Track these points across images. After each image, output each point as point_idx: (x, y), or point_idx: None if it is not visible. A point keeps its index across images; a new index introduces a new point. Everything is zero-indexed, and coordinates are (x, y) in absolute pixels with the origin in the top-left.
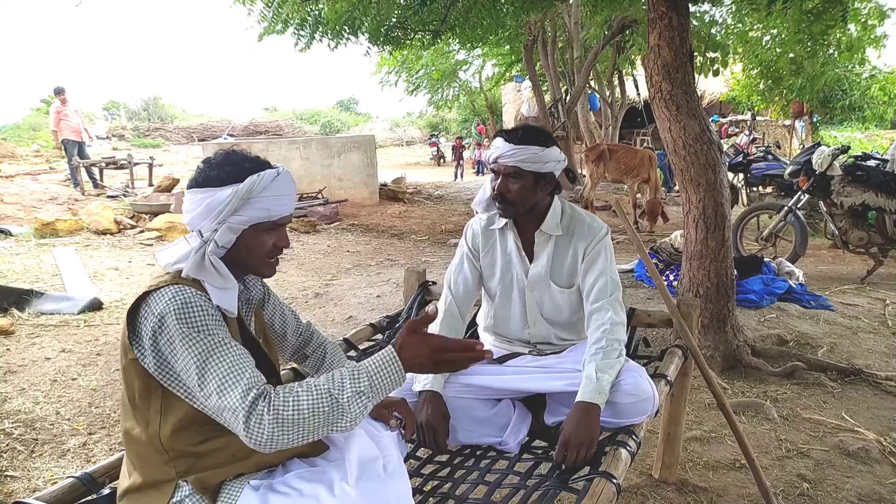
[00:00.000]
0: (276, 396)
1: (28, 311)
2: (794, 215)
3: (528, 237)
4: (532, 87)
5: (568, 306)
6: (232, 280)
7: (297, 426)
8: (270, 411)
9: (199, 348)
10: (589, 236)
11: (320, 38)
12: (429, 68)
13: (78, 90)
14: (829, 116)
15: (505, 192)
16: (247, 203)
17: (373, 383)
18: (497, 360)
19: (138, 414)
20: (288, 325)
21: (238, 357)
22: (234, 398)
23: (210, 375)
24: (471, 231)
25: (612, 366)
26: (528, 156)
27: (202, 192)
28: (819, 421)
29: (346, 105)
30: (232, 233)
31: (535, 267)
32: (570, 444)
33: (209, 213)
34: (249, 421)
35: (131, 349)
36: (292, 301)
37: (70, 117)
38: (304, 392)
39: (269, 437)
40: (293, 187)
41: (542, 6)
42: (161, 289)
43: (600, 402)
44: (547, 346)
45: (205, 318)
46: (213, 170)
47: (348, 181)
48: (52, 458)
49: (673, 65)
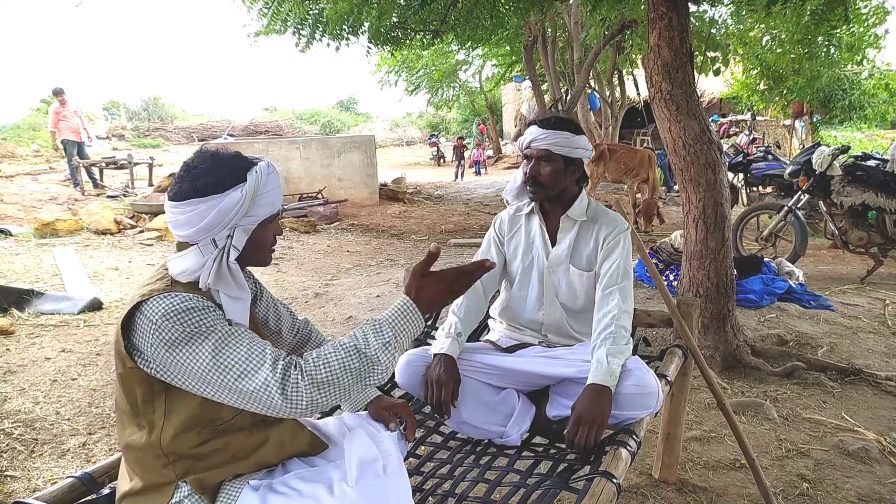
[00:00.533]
0: (305, 363)
1: (28, 311)
2: (794, 215)
3: (553, 223)
4: (532, 87)
5: (584, 291)
6: (247, 290)
7: (333, 386)
8: (305, 377)
9: (208, 346)
10: (611, 226)
11: (320, 38)
12: (429, 68)
13: (78, 90)
14: (829, 116)
15: (537, 174)
16: (255, 201)
17: (396, 333)
18: (507, 350)
19: (141, 419)
20: (283, 322)
21: (252, 340)
22: (262, 375)
23: (229, 366)
24: (499, 220)
25: (622, 351)
26: (559, 139)
27: (204, 201)
28: (819, 421)
29: (346, 105)
30: (245, 234)
31: (556, 249)
32: (581, 420)
33: (221, 220)
34: (286, 390)
35: (129, 359)
36: (292, 301)
37: (69, 118)
38: (332, 354)
39: (310, 401)
40: (279, 176)
41: (542, 6)
42: (154, 297)
43: (611, 384)
44: (557, 336)
45: (205, 318)
46: (206, 176)
47: (348, 181)
48: (52, 458)
49: (673, 65)
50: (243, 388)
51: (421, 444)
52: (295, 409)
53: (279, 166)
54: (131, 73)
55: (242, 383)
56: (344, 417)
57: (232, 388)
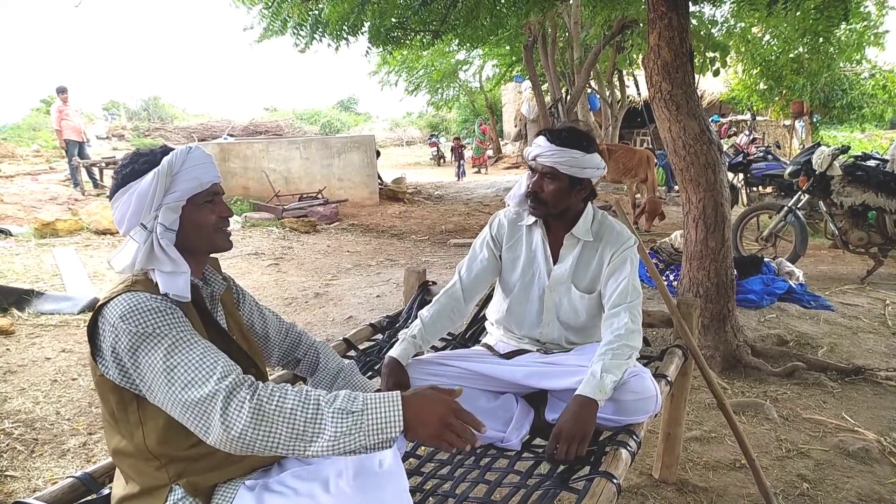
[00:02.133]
0: (263, 388)
1: (28, 311)
2: (794, 215)
3: (556, 238)
4: (532, 87)
5: (585, 311)
6: (183, 264)
7: (272, 426)
8: (254, 399)
9: (160, 349)
10: (617, 243)
11: (320, 38)
12: (429, 68)
13: (78, 90)
14: (829, 116)
15: (539, 190)
16: (174, 179)
17: (365, 411)
18: (504, 356)
19: (121, 427)
20: (269, 326)
21: (205, 349)
22: (209, 387)
23: (177, 373)
24: (497, 221)
25: (620, 366)
26: (567, 159)
27: (125, 190)
28: (819, 421)
29: (346, 105)
30: (173, 212)
31: (558, 268)
32: (561, 436)
33: (142, 204)
34: (229, 406)
35: (97, 365)
36: (292, 301)
37: (71, 117)
38: (293, 393)
39: (242, 429)
40: (210, 157)
41: (542, 6)
42: (113, 299)
43: (599, 398)
44: (556, 346)
45: (160, 319)
46: (126, 168)
47: (348, 181)
48: (52, 458)
49: (673, 65)
50: (187, 399)
51: (421, 445)
52: (226, 434)
53: (279, 166)
54: (131, 73)
55: (187, 393)
56: None
57: (177, 400)
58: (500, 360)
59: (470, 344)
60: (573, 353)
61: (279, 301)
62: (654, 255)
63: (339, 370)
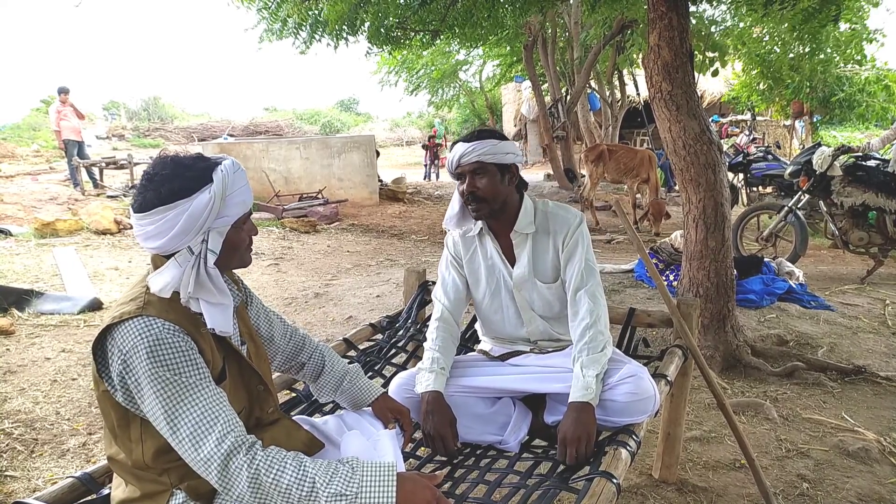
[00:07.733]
0: (263, 455)
1: (28, 311)
2: (794, 215)
3: (505, 240)
4: (532, 87)
5: (557, 299)
6: (228, 295)
7: (268, 498)
8: (251, 468)
9: (167, 392)
10: (564, 228)
11: (319, 39)
12: (429, 68)
13: (78, 90)
14: (828, 116)
15: (475, 189)
16: (225, 201)
17: (359, 494)
18: (499, 358)
19: (119, 442)
20: (274, 328)
21: (211, 401)
22: (206, 449)
23: (181, 423)
24: (451, 240)
25: (598, 360)
26: (487, 148)
27: (172, 208)
28: (819, 421)
29: (346, 105)
30: (220, 236)
31: (517, 268)
32: (567, 441)
33: (192, 225)
34: (226, 469)
35: (102, 382)
36: (292, 301)
37: (69, 117)
38: (291, 466)
39: (240, 494)
40: (244, 172)
41: (542, 6)
42: (127, 321)
43: (590, 398)
44: (547, 342)
45: (175, 357)
46: (170, 182)
47: (348, 181)
48: (52, 458)
49: (673, 65)
50: (185, 453)
51: (421, 446)
52: (226, 493)
53: (279, 166)
54: (131, 73)
55: (184, 448)
56: (343, 415)
57: (180, 444)
58: (497, 364)
59: (470, 344)
60: (567, 353)
61: (279, 301)
62: (654, 255)
63: (344, 374)
